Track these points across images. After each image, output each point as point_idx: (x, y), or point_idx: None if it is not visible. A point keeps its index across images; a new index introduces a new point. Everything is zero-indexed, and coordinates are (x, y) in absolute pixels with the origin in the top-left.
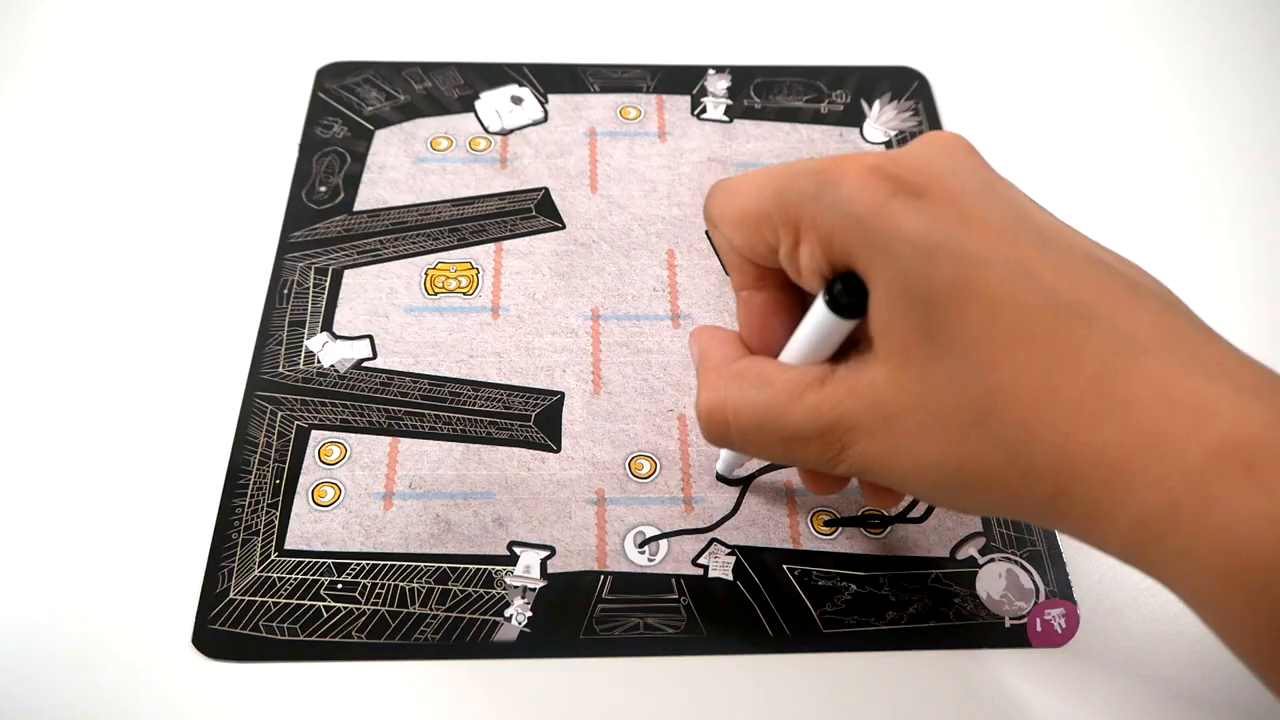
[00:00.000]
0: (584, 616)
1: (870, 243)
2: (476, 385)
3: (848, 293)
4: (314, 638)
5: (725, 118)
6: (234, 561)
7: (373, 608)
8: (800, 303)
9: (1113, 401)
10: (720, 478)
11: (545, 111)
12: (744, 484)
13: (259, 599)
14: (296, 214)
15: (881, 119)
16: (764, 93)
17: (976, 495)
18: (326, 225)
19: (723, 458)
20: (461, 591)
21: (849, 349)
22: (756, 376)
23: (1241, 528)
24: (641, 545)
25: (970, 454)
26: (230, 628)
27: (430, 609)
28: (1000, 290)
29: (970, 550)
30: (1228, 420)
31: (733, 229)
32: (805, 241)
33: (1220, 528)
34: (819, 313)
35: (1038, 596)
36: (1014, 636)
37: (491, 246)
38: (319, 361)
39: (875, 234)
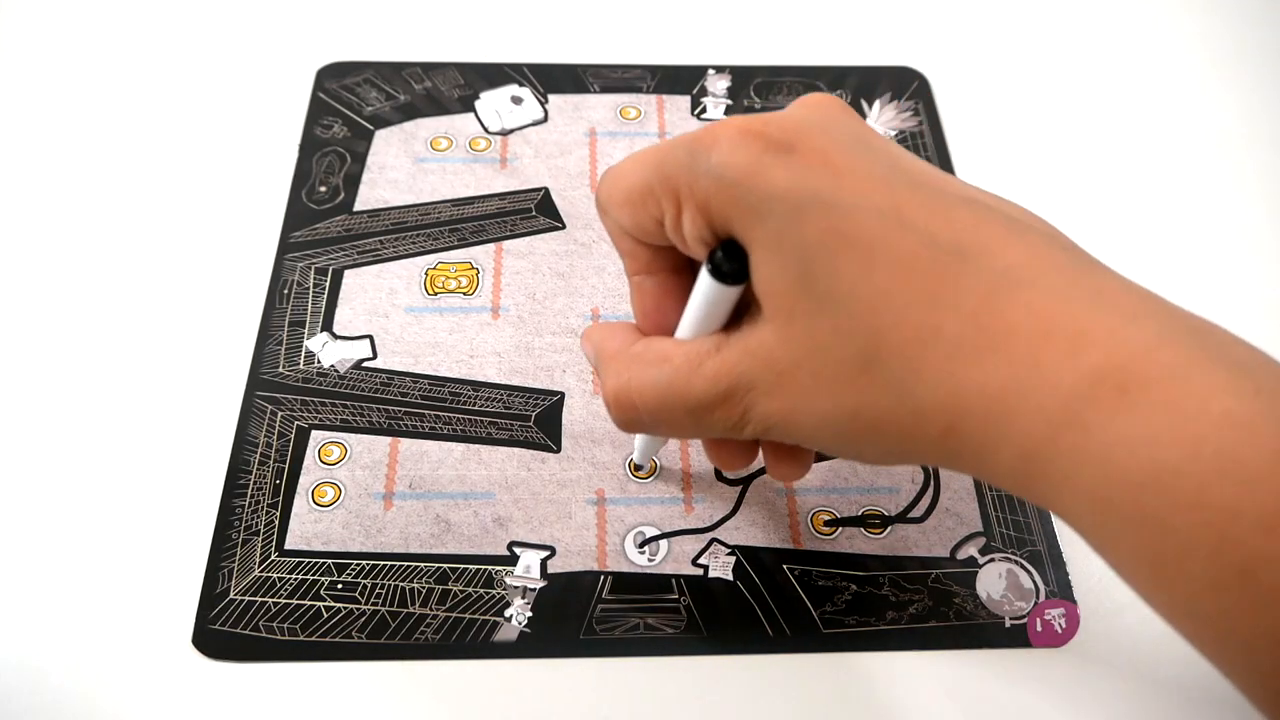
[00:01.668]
0: (584, 616)
1: (743, 204)
2: (476, 385)
3: (728, 259)
4: (314, 638)
5: (725, 118)
6: (234, 561)
7: (373, 608)
8: (692, 284)
9: (991, 335)
10: (637, 467)
11: (545, 111)
12: (744, 484)
13: (259, 599)
14: (296, 214)
15: (881, 119)
16: (764, 93)
17: (875, 442)
18: (326, 225)
19: (637, 445)
20: (461, 591)
21: (742, 315)
22: (655, 355)
23: (1116, 451)
24: (641, 545)
25: (862, 401)
26: (230, 628)
27: (430, 609)
28: (873, 236)
29: (970, 550)
30: (1103, 346)
31: (620, 209)
32: (686, 210)
33: (1096, 453)
34: (704, 282)
35: (1038, 596)
36: (1014, 636)
37: (491, 246)
38: (319, 361)
39: (747, 194)
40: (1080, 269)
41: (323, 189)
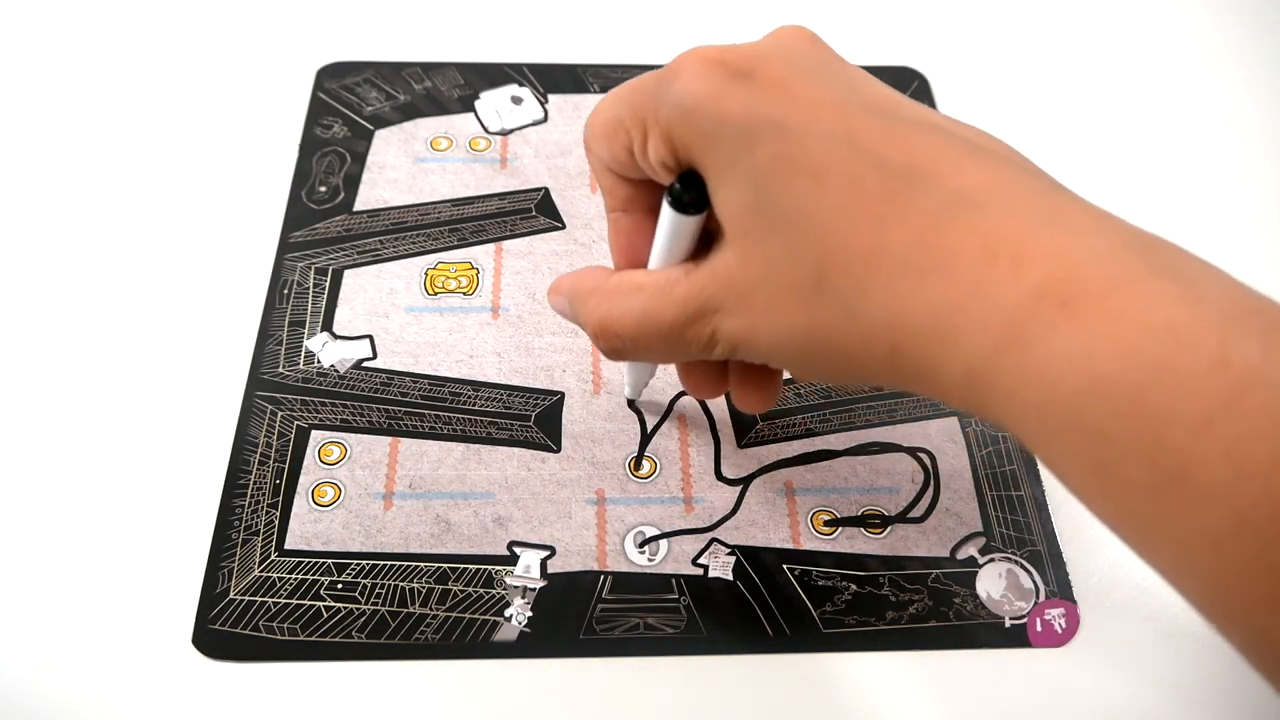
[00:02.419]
0: (584, 616)
1: (700, 130)
2: (476, 385)
3: (686, 189)
4: (314, 638)
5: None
6: (234, 561)
7: (373, 608)
8: None
9: (937, 256)
10: (631, 403)
11: (545, 111)
12: (744, 484)
13: (259, 599)
14: (296, 214)
15: None
16: None
17: (830, 362)
18: (326, 225)
19: (627, 378)
20: (461, 591)
21: (710, 244)
22: (630, 285)
23: (1056, 363)
24: (641, 545)
25: (814, 319)
26: (230, 628)
27: (430, 609)
28: (823, 160)
29: (970, 550)
30: (1047, 263)
31: (597, 141)
32: (651, 138)
33: (1038, 366)
34: (666, 213)
35: (1038, 596)
36: (1014, 636)
37: (491, 246)
38: (319, 361)
39: (703, 120)
40: (1036, 191)
41: (323, 189)
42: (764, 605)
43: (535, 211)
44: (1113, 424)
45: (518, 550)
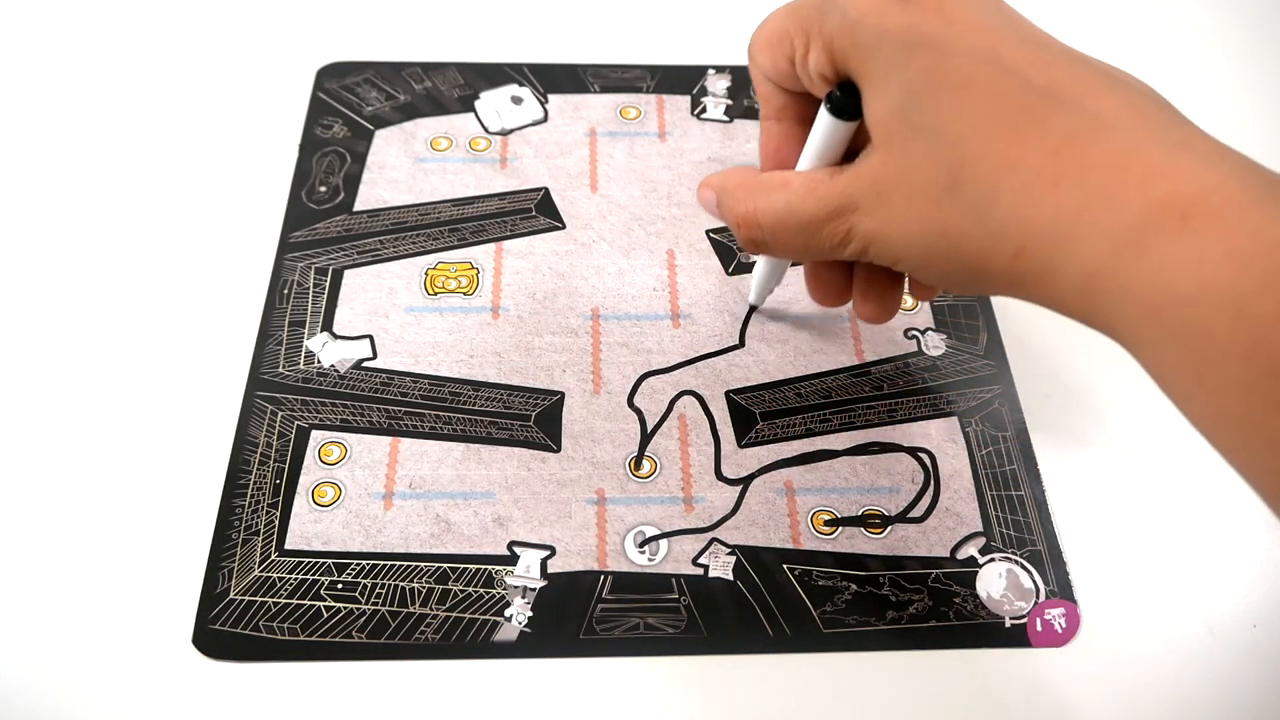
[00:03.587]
0: (584, 616)
1: (860, 42)
2: (476, 385)
3: (845, 97)
4: (314, 638)
5: (725, 118)
6: (234, 561)
7: (373, 608)
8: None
9: (1069, 168)
10: (752, 309)
11: (545, 111)
12: (744, 484)
13: (259, 599)
14: (296, 214)
15: None
16: None
17: (954, 262)
18: (326, 225)
19: (755, 278)
20: (461, 591)
21: (853, 158)
22: (778, 181)
23: (1170, 269)
24: (641, 545)
25: (946, 220)
26: (230, 628)
27: (430, 609)
28: (971, 76)
29: (970, 550)
30: (1172, 180)
31: (760, 51)
32: (813, 48)
33: (1152, 271)
34: (822, 118)
35: (1038, 596)
36: (1014, 636)
37: (491, 246)
38: (319, 361)
39: (864, 31)
40: (1169, 122)
41: (323, 189)
42: (764, 605)
43: (535, 211)
44: (1216, 325)
45: (518, 550)
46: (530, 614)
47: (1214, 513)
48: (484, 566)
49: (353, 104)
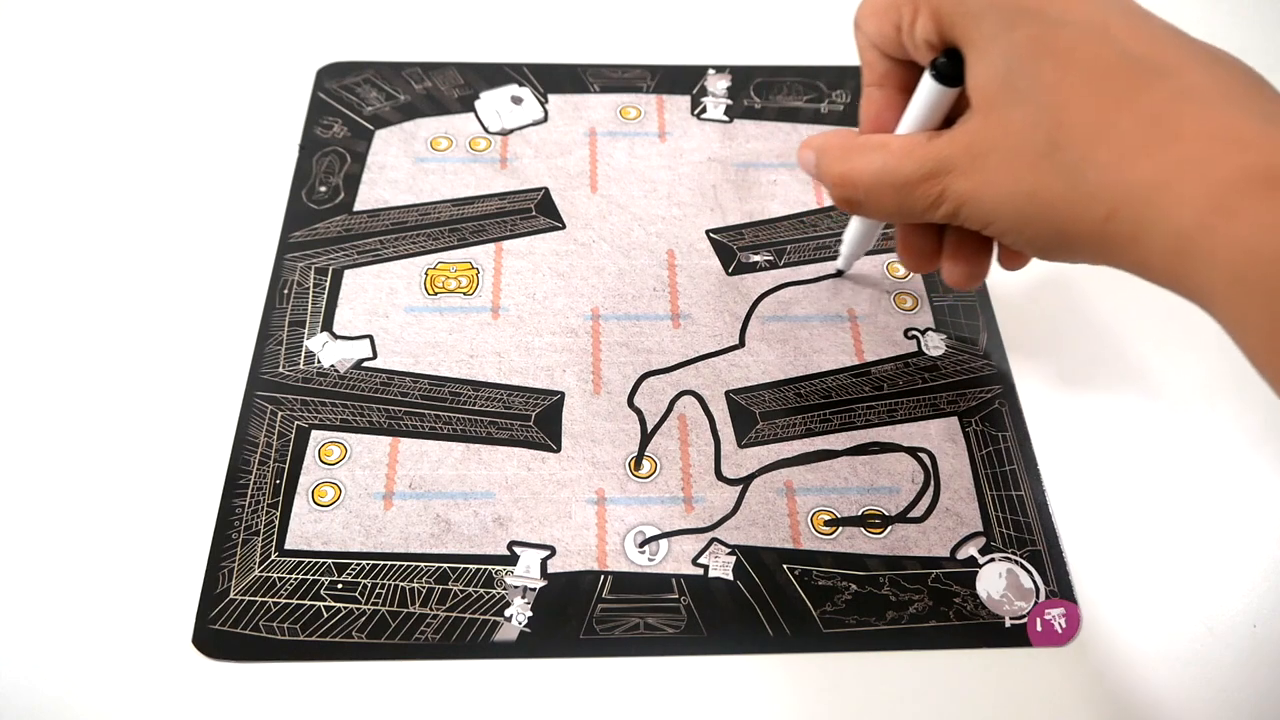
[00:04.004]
0: (584, 616)
1: (967, 10)
2: (476, 385)
3: (949, 63)
4: (314, 638)
5: (725, 118)
6: (234, 561)
7: (373, 608)
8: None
9: (1164, 134)
10: (839, 273)
11: (545, 111)
12: (744, 484)
13: (259, 599)
14: (296, 214)
15: None
16: (764, 93)
17: (1046, 223)
18: (326, 225)
19: (846, 239)
20: (461, 591)
21: (953, 121)
22: (875, 143)
23: (1257, 232)
24: (641, 545)
25: (1040, 182)
26: (230, 628)
27: (430, 609)
28: (1074, 45)
29: (970, 550)
30: (1262, 151)
31: (868, 18)
32: (920, 16)
33: (1239, 235)
34: (925, 84)
35: (1038, 596)
36: (1014, 636)
37: (491, 246)
38: (319, 361)
39: (972, 2)
40: (1264, 98)
41: (323, 189)
42: (764, 605)
43: (535, 211)
44: None
45: (518, 550)
46: (530, 614)
47: (1214, 513)
48: (484, 566)
49: (353, 104)
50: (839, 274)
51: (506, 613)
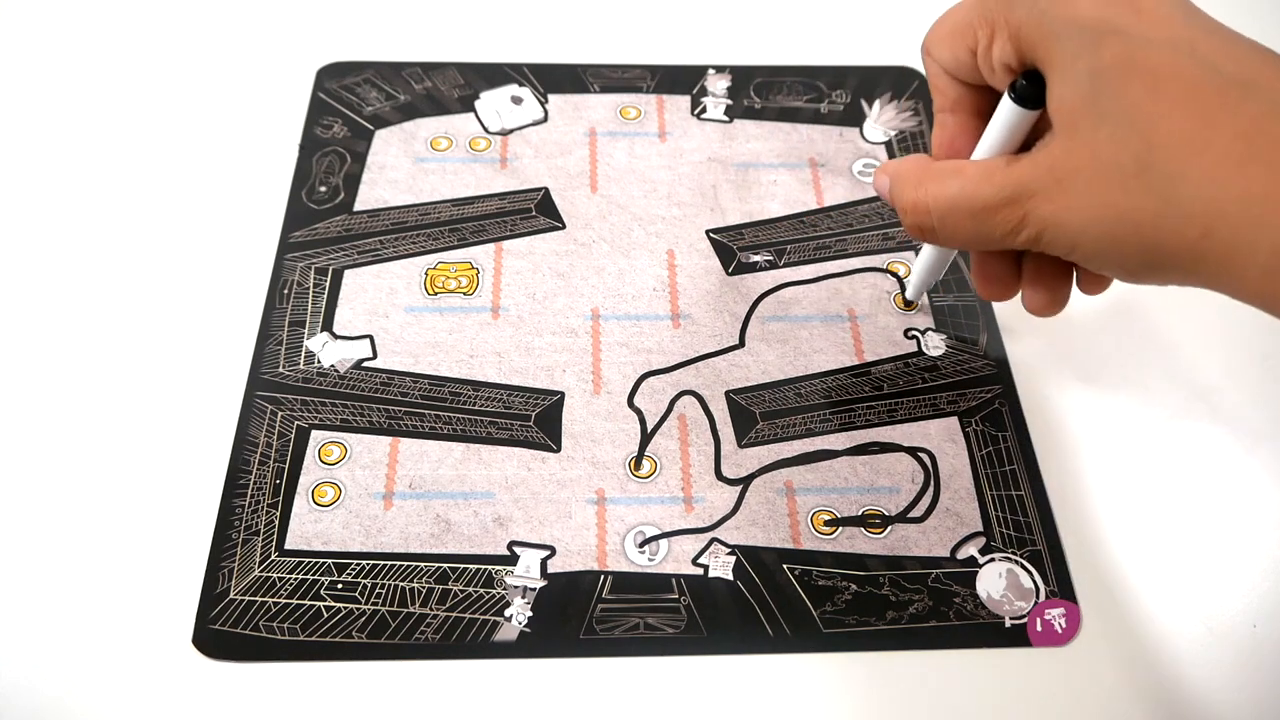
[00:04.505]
0: (584, 616)
1: (1049, 30)
2: (476, 385)
3: (1030, 85)
4: (314, 638)
5: (725, 118)
6: (234, 561)
7: (373, 608)
8: (983, 129)
9: (1259, 150)
10: (908, 304)
11: (545, 111)
12: (744, 484)
13: (259, 599)
14: (296, 214)
15: (881, 119)
16: (764, 93)
17: (1135, 244)
18: (326, 225)
19: (916, 270)
20: (461, 591)
21: (1032, 144)
22: (952, 168)
23: None
24: (641, 545)
25: (1130, 203)
26: (230, 628)
27: (430, 609)
28: (1163, 64)
29: (970, 550)
30: None
31: (940, 43)
32: (998, 38)
33: None
34: (1004, 107)
35: (1038, 596)
36: (1014, 636)
37: (491, 246)
38: (319, 361)
39: (1053, 22)
40: None
41: (323, 189)
42: (764, 605)
43: (535, 211)
44: None
45: (518, 550)
46: (530, 614)
47: (1214, 513)
48: (484, 566)
49: (353, 104)
50: (908, 305)
51: (506, 613)
